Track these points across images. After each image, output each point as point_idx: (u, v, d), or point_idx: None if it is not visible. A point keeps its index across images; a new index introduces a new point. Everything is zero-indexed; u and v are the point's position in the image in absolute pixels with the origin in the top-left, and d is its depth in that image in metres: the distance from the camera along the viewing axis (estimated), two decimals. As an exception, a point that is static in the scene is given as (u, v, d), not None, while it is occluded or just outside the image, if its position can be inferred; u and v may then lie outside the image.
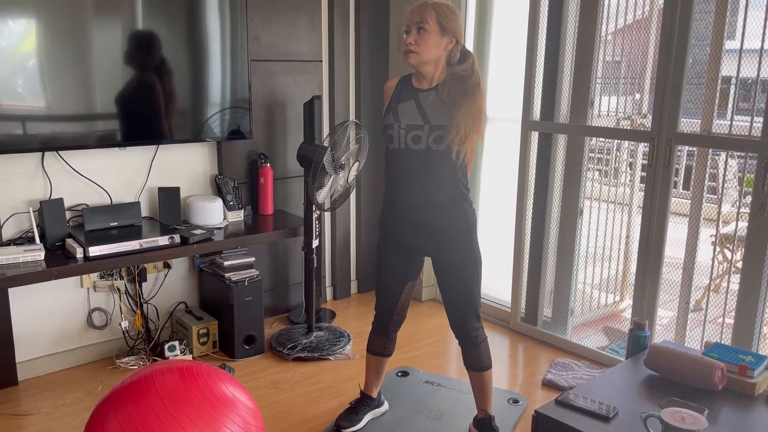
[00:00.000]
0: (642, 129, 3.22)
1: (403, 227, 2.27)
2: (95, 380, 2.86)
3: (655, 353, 2.20)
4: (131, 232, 2.80)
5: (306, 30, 3.43)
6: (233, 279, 3.04)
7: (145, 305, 3.13)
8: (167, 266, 3.17)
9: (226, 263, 3.07)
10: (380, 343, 2.51)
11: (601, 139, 3.33)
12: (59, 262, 2.54)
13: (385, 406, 2.65)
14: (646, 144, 2.84)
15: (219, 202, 3.12)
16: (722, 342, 2.49)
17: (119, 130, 2.83)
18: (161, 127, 2.94)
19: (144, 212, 3.05)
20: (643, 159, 3.38)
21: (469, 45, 3.58)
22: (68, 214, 2.83)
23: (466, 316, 2.30)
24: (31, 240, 2.69)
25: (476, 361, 2.37)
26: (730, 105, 2.98)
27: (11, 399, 2.72)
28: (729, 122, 2.65)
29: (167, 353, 2.91)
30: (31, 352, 2.89)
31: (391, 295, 2.40)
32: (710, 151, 2.93)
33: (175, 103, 2.96)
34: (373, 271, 2.53)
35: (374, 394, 2.59)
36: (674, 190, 2.80)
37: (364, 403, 2.57)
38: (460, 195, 2.21)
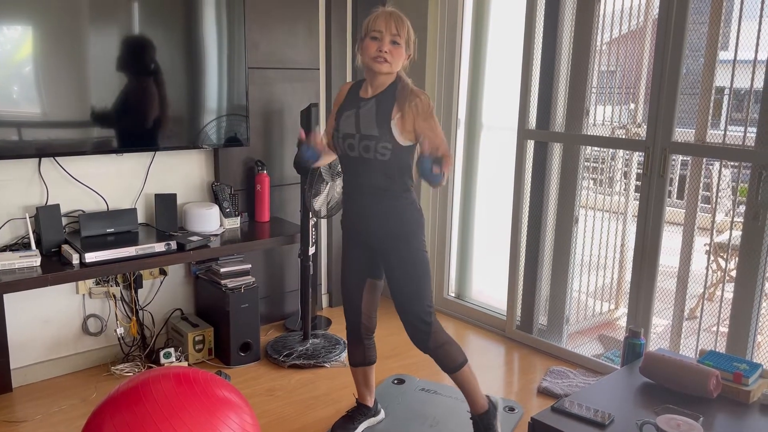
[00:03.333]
0: (637, 138, 3.24)
1: (354, 224, 2.33)
2: (90, 387, 2.85)
3: (651, 361, 2.21)
4: (127, 238, 2.80)
5: (303, 38, 3.44)
6: (229, 286, 3.04)
7: (140, 312, 3.12)
8: (163, 273, 3.16)
9: (222, 270, 3.07)
10: (358, 353, 2.49)
11: (596, 148, 3.35)
12: (55, 268, 2.54)
13: (382, 415, 2.64)
14: (640, 153, 2.86)
15: (215, 208, 3.12)
16: (716, 350, 2.50)
17: (116, 136, 2.83)
18: (158, 133, 2.95)
19: (140, 219, 3.05)
20: (638, 168, 3.40)
21: (465, 54, 3.61)
22: (64, 220, 2.83)
23: (411, 320, 2.27)
24: (26, 246, 2.68)
25: (441, 365, 2.34)
26: (723, 115, 3.01)
27: (5, 406, 2.70)
28: (723, 132, 2.68)
29: (163, 360, 2.91)
30: (26, 359, 2.87)
31: (354, 294, 2.39)
32: (704, 160, 2.95)
33: (172, 110, 2.96)
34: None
35: (370, 403, 2.59)
36: (668, 199, 2.82)
37: (360, 411, 2.57)
38: (400, 192, 2.22)
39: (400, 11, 2.20)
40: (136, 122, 2.87)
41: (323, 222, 3.78)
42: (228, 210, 3.18)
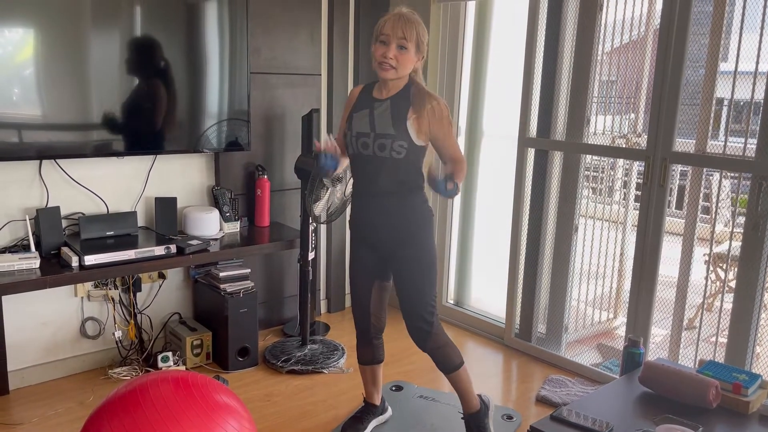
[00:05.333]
0: (637, 148, 3.25)
1: (364, 224, 2.33)
2: (87, 390, 2.84)
3: (650, 370, 2.21)
4: (127, 241, 2.80)
5: (305, 44, 3.45)
6: (228, 290, 3.03)
7: (139, 315, 3.11)
8: (162, 276, 3.16)
9: (221, 274, 3.06)
10: (368, 352, 2.52)
11: (596, 157, 3.36)
12: (54, 270, 2.53)
13: (389, 413, 2.67)
14: (640, 163, 2.87)
15: (215, 213, 3.12)
16: (716, 360, 2.50)
17: (117, 139, 2.84)
18: (159, 137, 2.95)
19: (140, 222, 3.04)
20: (638, 178, 3.41)
21: (467, 62, 3.62)
22: (64, 223, 2.83)
23: (414, 318, 2.30)
24: (26, 248, 2.68)
25: (439, 365, 2.37)
26: (723, 126, 3.02)
27: (2, 408, 2.69)
28: (723, 142, 2.69)
29: (160, 364, 2.90)
30: (23, 361, 2.86)
31: (363, 295, 2.40)
32: (704, 171, 2.96)
33: (174, 114, 2.97)
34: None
35: (377, 402, 2.61)
36: (668, 209, 2.82)
37: (368, 411, 2.59)
38: (412, 191, 2.25)
39: (414, 14, 2.20)
40: (137, 125, 2.88)
41: (323, 227, 3.78)
42: (228, 214, 3.18)
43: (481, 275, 3.80)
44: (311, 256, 3.23)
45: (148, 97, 2.88)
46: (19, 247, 2.72)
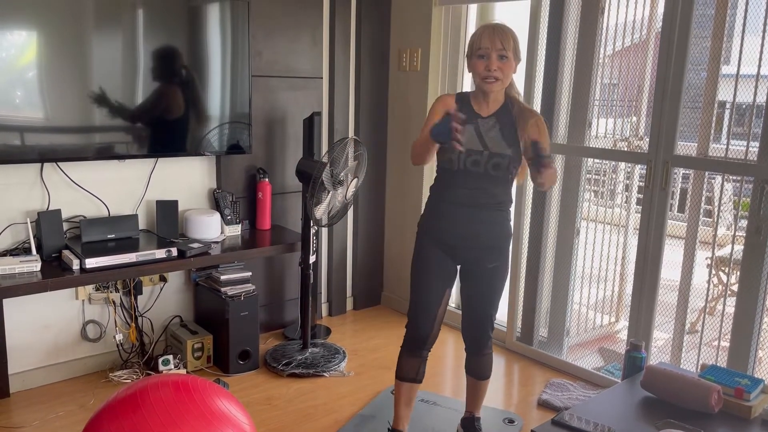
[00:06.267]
0: (639, 151, 3.24)
1: (447, 232, 2.28)
2: (88, 393, 2.84)
3: (652, 375, 2.20)
4: (128, 244, 2.80)
5: (307, 47, 3.45)
6: (229, 293, 3.03)
7: (140, 318, 3.11)
8: (163, 279, 3.16)
9: (222, 277, 3.06)
10: (413, 367, 2.37)
11: (597, 160, 3.35)
12: (55, 273, 2.53)
13: None
14: (642, 166, 2.86)
15: (217, 216, 3.12)
16: (718, 364, 2.49)
17: (118, 142, 2.84)
18: (161, 140, 2.95)
19: (141, 225, 3.04)
20: (640, 181, 3.40)
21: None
22: (65, 226, 2.83)
23: (485, 325, 2.39)
24: (27, 251, 2.68)
25: (481, 370, 2.48)
26: (725, 129, 3.01)
27: (3, 411, 2.69)
28: (725, 146, 2.68)
29: (161, 367, 2.90)
30: (24, 364, 2.86)
31: (433, 302, 2.31)
32: (706, 174, 2.95)
33: (175, 117, 2.97)
34: (407, 278, 2.48)
35: (405, 428, 2.43)
36: (669, 212, 2.81)
37: None
38: (505, 205, 2.29)
39: (505, 23, 2.20)
40: (138, 128, 2.88)
41: (324, 230, 3.77)
42: (229, 217, 3.18)
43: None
44: (312, 259, 3.23)
45: (150, 100, 2.89)
46: (20, 250, 2.72)
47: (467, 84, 3.63)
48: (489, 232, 2.26)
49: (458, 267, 2.37)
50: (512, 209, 2.35)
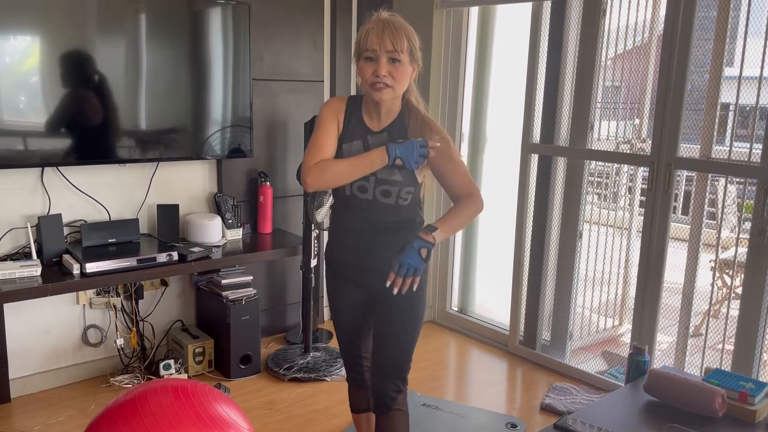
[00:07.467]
0: (642, 153, 3.23)
1: (346, 262, 1.99)
2: (89, 398, 2.83)
3: (655, 378, 2.18)
4: (129, 248, 2.79)
5: (308, 50, 3.45)
6: (230, 297, 3.02)
7: (141, 323, 3.10)
8: (164, 284, 3.15)
9: (223, 281, 3.05)
10: (362, 397, 2.16)
11: (600, 162, 3.34)
12: (55, 278, 2.53)
13: None
14: (645, 168, 2.85)
15: (218, 220, 3.11)
16: (722, 368, 2.47)
17: (119, 146, 2.83)
18: (161, 144, 2.95)
19: (142, 229, 3.04)
20: (643, 183, 3.39)
21: (470, 67, 3.61)
22: (66, 230, 2.82)
23: (394, 370, 1.97)
24: (27, 255, 2.67)
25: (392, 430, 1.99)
26: (728, 131, 3.00)
27: (3, 416, 2.68)
28: (728, 148, 2.66)
29: (162, 372, 2.89)
30: (25, 369, 2.86)
31: (352, 338, 2.09)
32: (709, 176, 2.94)
33: (176, 121, 2.97)
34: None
35: None
36: (673, 215, 2.80)
37: None
38: (408, 224, 1.94)
39: (397, 17, 1.83)
40: (139, 132, 2.88)
41: (325, 234, 3.76)
42: (230, 221, 3.18)
43: (485, 282, 3.78)
44: (314, 263, 3.22)
45: (151, 104, 2.88)
46: (20, 255, 2.71)
47: (469, 85, 3.62)
48: (391, 256, 1.84)
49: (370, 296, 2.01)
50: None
